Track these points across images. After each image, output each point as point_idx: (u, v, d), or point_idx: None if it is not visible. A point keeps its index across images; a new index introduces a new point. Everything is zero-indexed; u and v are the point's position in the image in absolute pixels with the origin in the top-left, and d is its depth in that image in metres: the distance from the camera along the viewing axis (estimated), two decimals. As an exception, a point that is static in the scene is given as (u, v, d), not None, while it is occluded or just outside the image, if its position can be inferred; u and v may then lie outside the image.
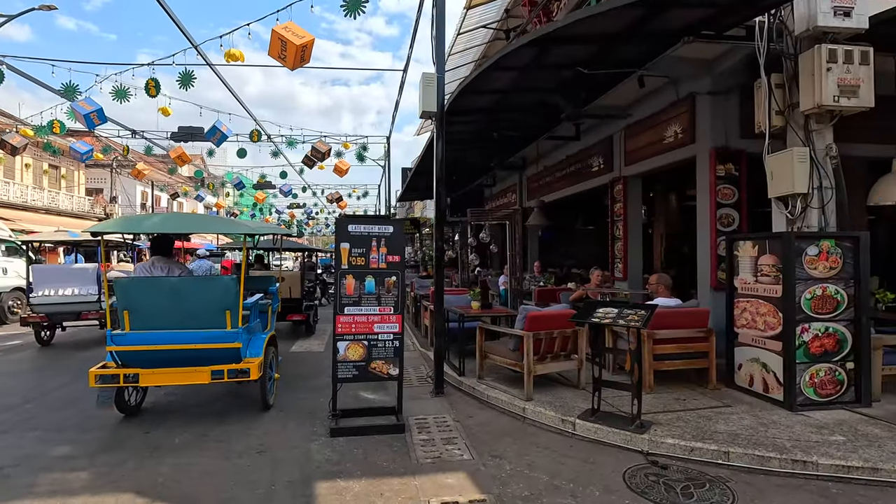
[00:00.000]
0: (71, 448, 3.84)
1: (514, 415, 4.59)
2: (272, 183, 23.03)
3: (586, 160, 9.45)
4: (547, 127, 8.50)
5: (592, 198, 10.76)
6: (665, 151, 7.05)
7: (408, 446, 3.90)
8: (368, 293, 4.36)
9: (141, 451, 3.79)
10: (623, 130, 8.11)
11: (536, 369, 4.72)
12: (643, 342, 4.72)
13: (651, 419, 4.10)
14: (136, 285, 4.20)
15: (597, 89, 6.62)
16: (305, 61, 6.24)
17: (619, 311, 4.12)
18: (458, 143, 9.23)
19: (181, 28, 7.61)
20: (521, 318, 4.86)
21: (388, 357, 4.39)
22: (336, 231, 4.40)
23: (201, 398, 5.16)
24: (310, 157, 14.01)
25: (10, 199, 20.55)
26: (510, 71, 5.71)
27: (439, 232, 5.37)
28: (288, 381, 5.78)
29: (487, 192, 16.56)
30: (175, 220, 4.55)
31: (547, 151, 10.92)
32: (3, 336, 9.60)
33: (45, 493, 3.13)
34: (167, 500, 3.04)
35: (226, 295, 4.21)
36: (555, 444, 3.93)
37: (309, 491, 3.16)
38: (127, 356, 4.16)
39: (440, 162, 5.44)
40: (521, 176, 13.04)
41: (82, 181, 27.17)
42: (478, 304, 6.08)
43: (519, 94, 6.67)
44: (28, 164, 22.63)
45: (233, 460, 3.62)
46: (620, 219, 8.38)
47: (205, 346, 4.19)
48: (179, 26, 7.55)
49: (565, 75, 5.92)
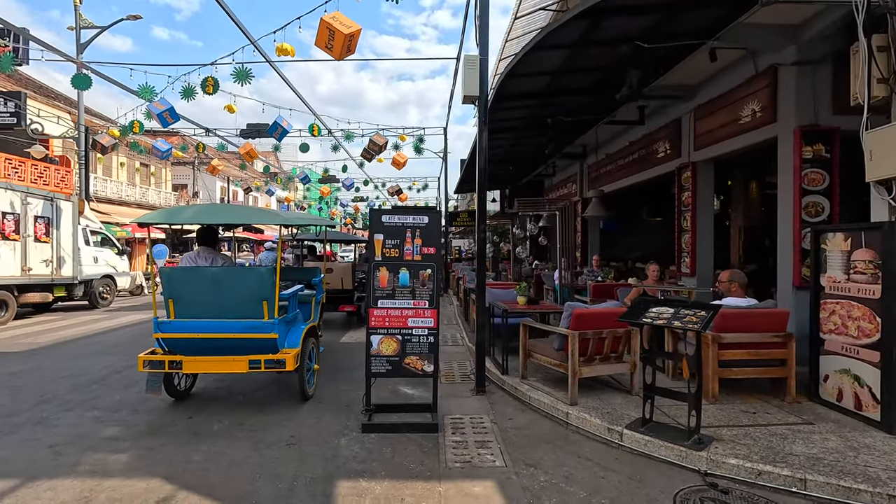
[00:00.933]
0: (119, 429, 4.03)
1: (556, 419, 4.26)
2: (335, 177, 23.73)
3: (651, 146, 8.75)
4: (606, 111, 7.93)
5: (659, 186, 9.99)
6: (741, 133, 6.30)
7: (439, 447, 3.71)
8: (402, 286, 4.21)
9: (180, 436, 3.90)
10: (692, 112, 7.37)
11: (582, 371, 4.35)
12: (706, 346, 4.21)
13: (712, 434, 3.62)
14: (180, 275, 4.32)
15: (660, 66, 6.02)
16: (351, 52, 6.19)
17: (675, 310, 3.66)
18: (509, 131, 8.89)
19: (240, 26, 7.85)
20: (566, 316, 4.51)
21: (423, 353, 4.22)
22: (370, 222, 4.27)
23: (247, 386, 5.28)
24: (367, 150, 14.19)
25: (108, 194, 22.68)
26: (559, 50, 5.30)
27: (480, 224, 5.11)
28: (332, 372, 5.81)
29: (548, 182, 15.98)
30: (210, 210, 4.65)
31: (608, 138, 10.26)
32: (92, 319, 10.54)
33: (85, 472, 3.27)
34: (190, 488, 3.05)
35: (262, 285, 4.23)
36: (598, 456, 3.58)
37: (329, 490, 3.06)
38: (171, 343, 4.30)
39: (483, 151, 5.16)
40: (581, 165, 12.40)
41: (169, 178, 29.49)
42: (524, 299, 5.76)
43: (571, 76, 6.22)
44: (122, 162, 24.88)
45: (262, 451, 3.62)
46: (688, 209, 7.66)
47: (242, 336, 4.24)
48: (238, 25, 7.79)
49: (623, 51, 5.42)
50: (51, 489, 3.05)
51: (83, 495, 2.97)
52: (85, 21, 15.59)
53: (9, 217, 9.86)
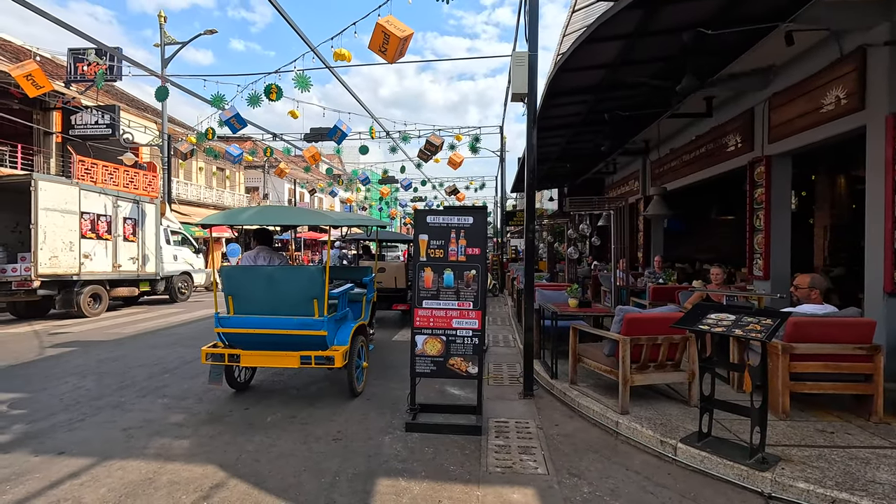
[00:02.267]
0: (184, 416, 4.33)
1: (605, 428, 4.08)
2: (394, 178, 24.23)
3: (720, 139, 8.16)
4: (669, 104, 7.49)
5: (732, 183, 9.31)
6: (823, 123, 5.71)
7: (481, 451, 3.67)
8: (447, 287, 4.20)
9: (237, 426, 4.12)
10: (766, 101, 6.79)
11: (634, 379, 4.13)
12: (775, 357, 3.86)
13: (780, 453, 3.31)
14: (238, 273, 4.58)
15: (728, 53, 5.60)
16: (402, 55, 6.28)
17: (737, 317, 3.38)
18: (564, 128, 8.64)
19: (300, 34, 8.19)
20: (617, 321, 4.30)
21: (467, 354, 4.19)
22: (415, 222, 4.30)
23: (301, 381, 5.49)
24: (424, 150, 14.35)
25: (188, 197, 24.55)
26: (614, 41, 5.07)
27: (529, 223, 4.99)
28: (382, 370, 5.92)
29: (608, 179, 15.41)
30: (266, 212, 4.87)
31: (672, 132, 9.71)
32: (170, 312, 11.44)
33: (152, 455, 3.54)
34: (241, 476, 3.22)
35: (312, 284, 4.38)
36: (648, 469, 3.38)
37: (369, 487, 3.11)
38: (230, 337, 4.56)
39: (532, 149, 5.04)
40: (644, 161, 11.83)
41: (241, 180, 31.43)
42: (575, 301, 5.56)
43: (629, 68, 5.93)
44: (201, 167, 26.83)
45: (310, 444, 3.74)
46: (761, 207, 7.06)
47: (294, 332, 4.42)
48: (298, 32, 8.13)
49: (684, 40, 5.08)
50: (121, 469, 3.33)
51: (147, 476, 3.22)
52: (168, 38, 16.95)
53: (102, 219, 10.92)
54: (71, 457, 3.52)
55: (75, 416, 4.34)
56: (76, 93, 17.74)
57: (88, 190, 10.76)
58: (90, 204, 10.63)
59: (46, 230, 9.57)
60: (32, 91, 8.11)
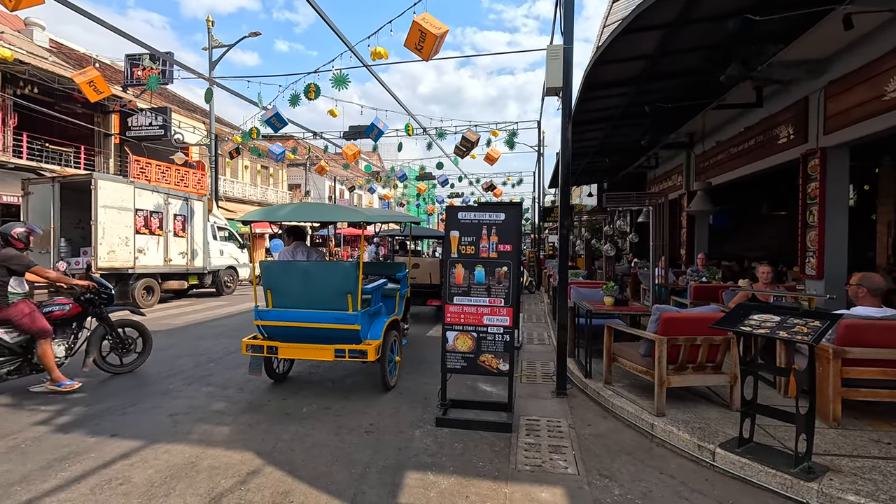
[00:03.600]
0: (225, 405, 4.53)
1: (639, 430, 3.97)
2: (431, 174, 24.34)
3: (771, 130, 7.74)
4: (715, 95, 7.17)
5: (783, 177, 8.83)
6: (886, 111, 5.32)
7: (510, 448, 3.65)
8: (478, 283, 4.20)
9: (274, 415, 4.27)
10: (822, 90, 6.38)
11: (671, 380, 4.00)
12: (825, 362, 3.65)
13: (828, 463, 3.13)
14: (276, 268, 4.73)
15: (778, 40, 5.29)
16: (437, 52, 6.30)
17: (782, 318, 3.21)
18: (603, 122, 8.43)
19: (338, 33, 8.33)
20: (653, 320, 4.17)
21: (498, 351, 4.17)
22: (446, 219, 4.31)
23: (336, 374, 5.63)
24: (460, 146, 14.34)
25: (234, 194, 25.53)
26: (654, 31, 4.90)
27: (564, 219, 4.91)
28: (415, 365, 5.98)
29: (650, 174, 14.92)
30: (303, 209, 5.00)
31: (718, 124, 9.29)
32: (217, 305, 11.96)
33: (195, 440, 3.72)
34: (276, 464, 3.34)
35: (346, 279, 4.48)
36: (684, 474, 3.27)
37: (398, 479, 3.16)
38: (269, 330, 4.73)
39: (567, 144, 4.94)
40: (688, 155, 11.37)
41: (284, 178, 32.42)
42: (610, 299, 5.43)
43: (671, 58, 5.71)
44: (246, 165, 27.85)
45: (342, 436, 3.84)
46: (815, 202, 6.66)
47: (328, 326, 4.53)
48: (336, 32, 8.27)
49: (729, 27, 4.84)
50: (167, 452, 3.52)
51: (190, 460, 3.39)
52: (216, 41, 17.64)
53: (155, 215, 11.53)
54: (122, 439, 3.75)
55: (127, 401, 4.62)
56: (132, 96, 18.76)
57: (142, 188, 11.38)
58: (144, 201, 11.24)
59: (105, 226, 10.20)
60: (94, 96, 8.64)
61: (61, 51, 20.56)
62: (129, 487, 3.02)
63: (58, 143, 17.23)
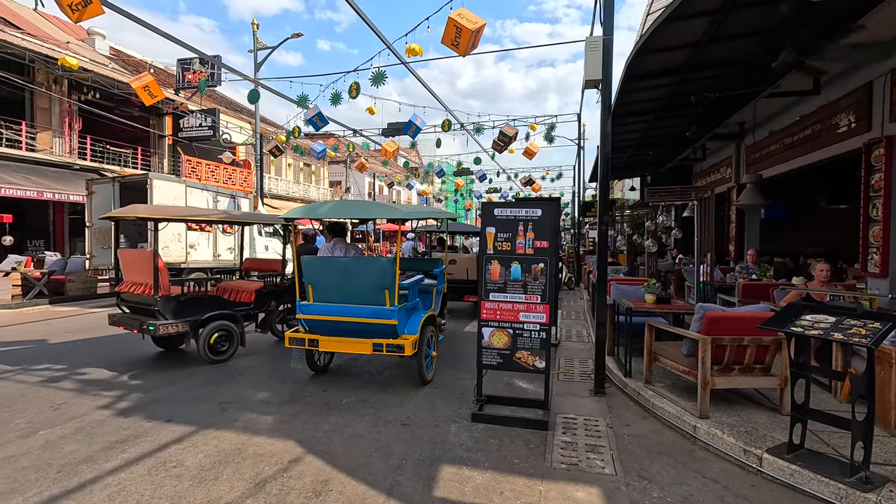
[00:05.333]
0: (269, 395, 4.72)
1: (681, 432, 3.86)
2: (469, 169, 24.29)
3: (829, 119, 7.27)
4: (767, 82, 6.80)
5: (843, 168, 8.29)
6: (961, 95, 4.91)
7: (546, 446, 3.63)
8: (514, 280, 4.18)
9: (315, 406, 4.42)
10: (888, 74, 5.93)
11: (716, 382, 3.86)
12: (886, 366, 3.43)
13: (888, 473, 2.95)
14: (317, 263, 4.86)
15: (838, 22, 4.96)
16: (475, 47, 6.27)
17: (837, 319, 3.04)
18: (645, 114, 8.17)
19: (376, 32, 8.43)
20: (697, 319, 4.02)
21: (534, 348, 4.14)
22: (482, 215, 4.31)
23: (375, 367, 5.75)
24: (498, 141, 14.24)
25: (278, 191, 26.39)
26: (700, 18, 4.69)
27: (602, 214, 4.80)
28: (452, 360, 6.03)
29: (696, 167, 14.33)
30: (342, 206, 5.11)
31: (770, 114, 8.81)
32: (263, 298, 12.41)
33: (240, 428, 3.90)
34: (316, 454, 3.45)
35: (383, 275, 4.56)
36: (728, 479, 3.16)
37: (433, 473, 3.21)
38: (310, 324, 4.88)
39: (607, 137, 4.82)
40: (738, 146, 10.84)
41: (325, 175, 33.21)
42: (652, 297, 5.28)
43: (718, 45, 5.45)
44: (290, 163, 28.70)
45: (380, 428, 3.92)
46: (879, 194, 6.21)
47: (366, 321, 4.63)
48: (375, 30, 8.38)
49: (783, 11, 4.58)
50: (216, 438, 3.71)
51: (237, 447, 3.56)
52: (260, 44, 18.20)
53: (205, 212, 12.08)
54: (176, 424, 3.98)
55: (180, 389, 4.89)
56: (184, 99, 19.68)
57: (193, 186, 11.95)
58: (194, 199, 11.80)
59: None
60: (149, 100, 9.11)
61: (120, 57, 21.80)
62: (181, 470, 3.21)
63: (117, 144, 18.33)
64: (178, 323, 5.66)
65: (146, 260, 5.66)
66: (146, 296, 5.65)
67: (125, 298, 6.18)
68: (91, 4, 4.69)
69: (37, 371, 5.54)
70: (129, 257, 6.15)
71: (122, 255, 6.21)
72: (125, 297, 6.17)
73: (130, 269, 6.03)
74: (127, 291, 6.00)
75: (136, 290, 5.82)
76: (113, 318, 6.10)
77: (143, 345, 6.83)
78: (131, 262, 6.03)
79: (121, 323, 5.94)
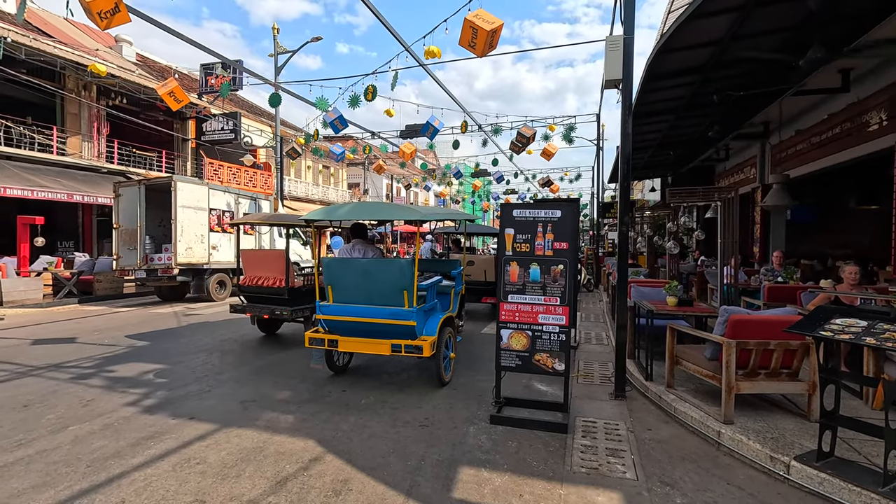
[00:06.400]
0: (290, 394, 4.78)
1: (705, 437, 3.78)
2: (487, 171, 24.25)
3: (859, 117, 7.06)
4: (792, 80, 6.64)
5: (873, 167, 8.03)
6: None
7: (565, 449, 3.60)
8: (533, 281, 4.15)
9: (334, 406, 4.46)
10: (922, 69, 5.74)
11: (741, 387, 3.77)
12: (921, 371, 3.30)
13: (924, 484, 2.83)
14: (337, 264, 4.91)
15: (869, 17, 4.81)
16: (493, 48, 6.26)
17: (870, 323, 2.94)
18: (666, 113, 8.05)
19: (394, 34, 8.49)
20: (721, 322, 3.94)
21: (553, 350, 4.11)
22: (501, 216, 4.30)
23: (393, 368, 5.77)
24: (515, 142, 14.19)
25: (298, 193, 26.72)
26: (724, 15, 4.60)
27: (623, 215, 4.74)
28: (470, 362, 6.02)
29: (719, 167, 14.06)
30: (360, 208, 5.15)
31: (796, 112, 8.59)
32: (283, 299, 12.59)
33: (262, 426, 3.96)
34: (336, 453, 3.48)
35: (402, 276, 4.58)
36: (754, 486, 3.08)
37: (452, 474, 3.20)
38: (330, 324, 4.93)
39: (627, 138, 4.76)
40: (762, 146, 10.59)
41: (344, 177, 33.50)
42: (674, 299, 5.19)
43: (741, 43, 5.35)
44: (309, 165, 29.05)
45: (398, 428, 3.94)
46: (912, 194, 6.01)
47: (385, 322, 4.65)
48: (393, 33, 8.44)
49: (809, 6, 4.47)
50: (238, 436, 3.77)
51: (258, 445, 3.61)
52: (281, 48, 18.48)
53: (226, 214, 12.31)
54: (199, 422, 4.05)
55: (203, 387, 4.99)
56: (206, 103, 20.09)
57: (215, 189, 12.18)
58: (217, 201, 12.03)
59: (183, 224, 11.02)
60: (174, 105, 9.33)
61: (146, 63, 22.37)
62: (204, 467, 3.27)
63: (143, 148, 18.80)
64: (302, 309, 6.72)
65: (276, 257, 7.05)
66: (275, 287, 6.85)
67: (246, 290, 7.24)
68: (119, 13, 4.83)
69: (67, 368, 5.71)
70: (256, 256, 7.60)
71: (245, 254, 7.46)
72: (246, 290, 7.23)
73: (255, 266, 7.27)
74: (252, 284, 7.15)
75: (264, 282, 7.03)
76: (235, 308, 7.20)
77: (166, 343, 6.99)
78: (257, 260, 7.38)
79: (246, 311, 7.06)
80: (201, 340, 7.29)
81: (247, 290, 7.23)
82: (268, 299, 7.01)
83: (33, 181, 13.39)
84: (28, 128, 15.24)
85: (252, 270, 7.28)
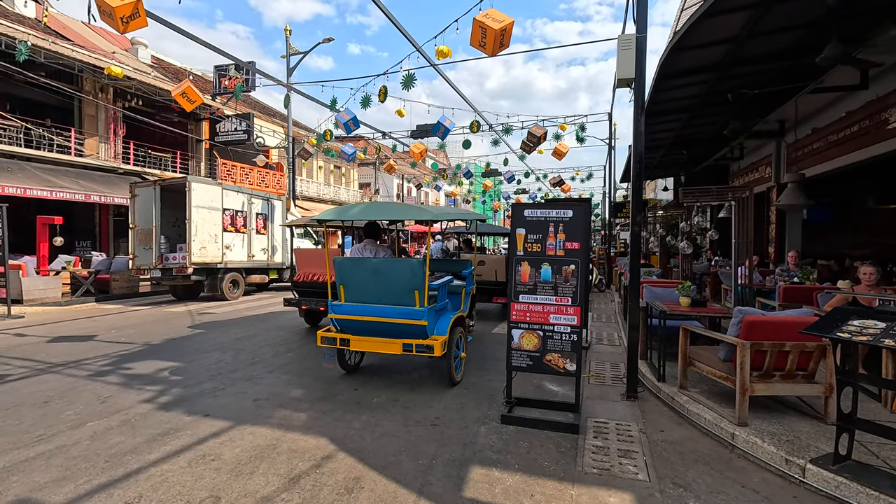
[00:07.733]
0: (302, 392, 4.83)
1: (718, 439, 3.74)
2: (497, 171, 24.22)
3: (879, 114, 6.93)
4: (809, 78, 6.53)
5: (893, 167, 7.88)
6: None
7: (577, 449, 3.59)
8: (544, 281, 4.14)
9: (346, 404, 4.49)
10: (944, 66, 5.62)
11: (755, 388, 3.73)
12: (942, 374, 3.24)
13: (944, 489, 2.78)
14: (349, 264, 4.95)
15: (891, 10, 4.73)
16: (504, 46, 6.25)
17: (889, 324, 2.89)
18: (680, 112, 7.98)
19: (405, 34, 8.52)
20: (735, 323, 3.90)
21: (565, 351, 4.10)
22: (512, 216, 4.29)
23: (404, 367, 5.80)
24: (526, 142, 14.15)
25: (310, 193, 26.92)
26: (739, 12, 4.55)
27: (635, 215, 4.71)
28: (480, 361, 6.02)
29: (733, 166, 13.89)
30: (372, 208, 5.18)
31: (813, 111, 8.46)
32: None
33: (275, 424, 4.00)
34: (348, 451, 3.51)
35: (413, 276, 4.59)
36: (769, 490, 3.05)
37: (463, 473, 3.21)
38: (341, 323, 4.97)
39: (640, 137, 4.73)
40: (778, 144, 10.44)
41: (355, 177, 33.66)
42: (687, 300, 5.14)
43: (757, 40, 5.28)
44: (321, 166, 29.24)
45: (409, 427, 3.96)
46: (934, 194, 5.88)
47: (396, 321, 4.68)
48: (404, 33, 8.47)
49: (829, 3, 4.39)
50: (251, 433, 3.82)
51: (271, 442, 3.65)
52: (293, 49, 18.62)
53: (239, 214, 12.44)
54: (214, 419, 4.11)
55: (218, 385, 5.06)
56: (220, 104, 20.32)
57: (228, 189, 12.32)
58: (230, 201, 12.17)
59: (197, 224, 11.17)
60: (188, 106, 9.46)
61: (161, 65, 22.69)
62: (219, 464, 3.32)
63: (158, 149, 19.07)
64: None
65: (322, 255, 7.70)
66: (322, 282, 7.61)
67: (301, 286, 7.93)
68: (138, 18, 4.91)
69: (85, 365, 5.83)
70: (307, 254, 8.27)
71: (298, 254, 8.29)
72: (301, 285, 7.93)
73: (307, 264, 8.03)
74: (306, 280, 7.88)
75: (316, 278, 7.78)
76: (290, 301, 7.95)
77: (181, 342, 7.10)
78: (308, 258, 8.12)
79: (301, 304, 7.80)
80: (215, 339, 7.38)
81: (301, 285, 7.92)
82: (322, 293, 7.61)
83: (52, 182, 13.66)
84: (47, 129, 15.55)
85: (305, 267, 7.98)
